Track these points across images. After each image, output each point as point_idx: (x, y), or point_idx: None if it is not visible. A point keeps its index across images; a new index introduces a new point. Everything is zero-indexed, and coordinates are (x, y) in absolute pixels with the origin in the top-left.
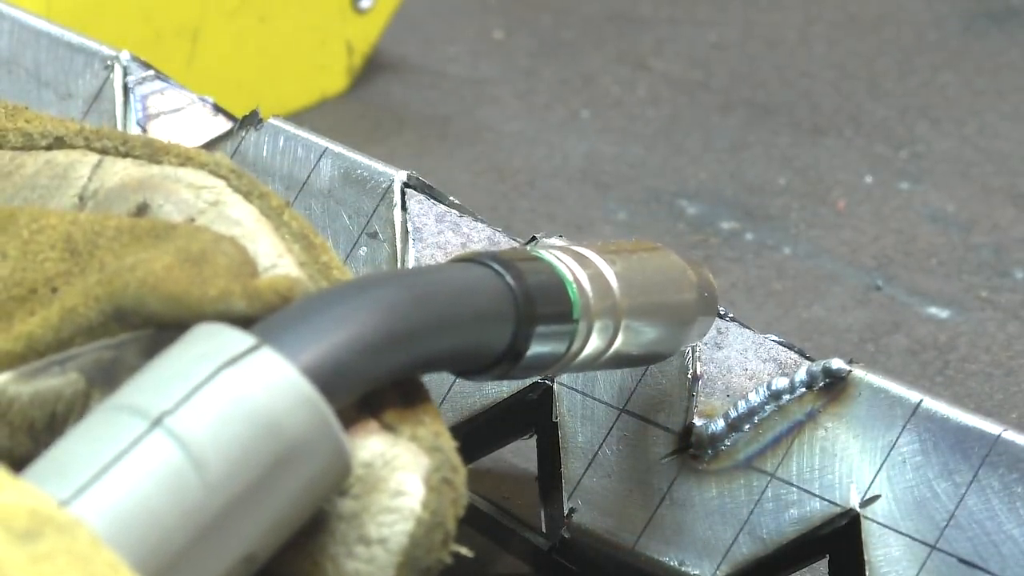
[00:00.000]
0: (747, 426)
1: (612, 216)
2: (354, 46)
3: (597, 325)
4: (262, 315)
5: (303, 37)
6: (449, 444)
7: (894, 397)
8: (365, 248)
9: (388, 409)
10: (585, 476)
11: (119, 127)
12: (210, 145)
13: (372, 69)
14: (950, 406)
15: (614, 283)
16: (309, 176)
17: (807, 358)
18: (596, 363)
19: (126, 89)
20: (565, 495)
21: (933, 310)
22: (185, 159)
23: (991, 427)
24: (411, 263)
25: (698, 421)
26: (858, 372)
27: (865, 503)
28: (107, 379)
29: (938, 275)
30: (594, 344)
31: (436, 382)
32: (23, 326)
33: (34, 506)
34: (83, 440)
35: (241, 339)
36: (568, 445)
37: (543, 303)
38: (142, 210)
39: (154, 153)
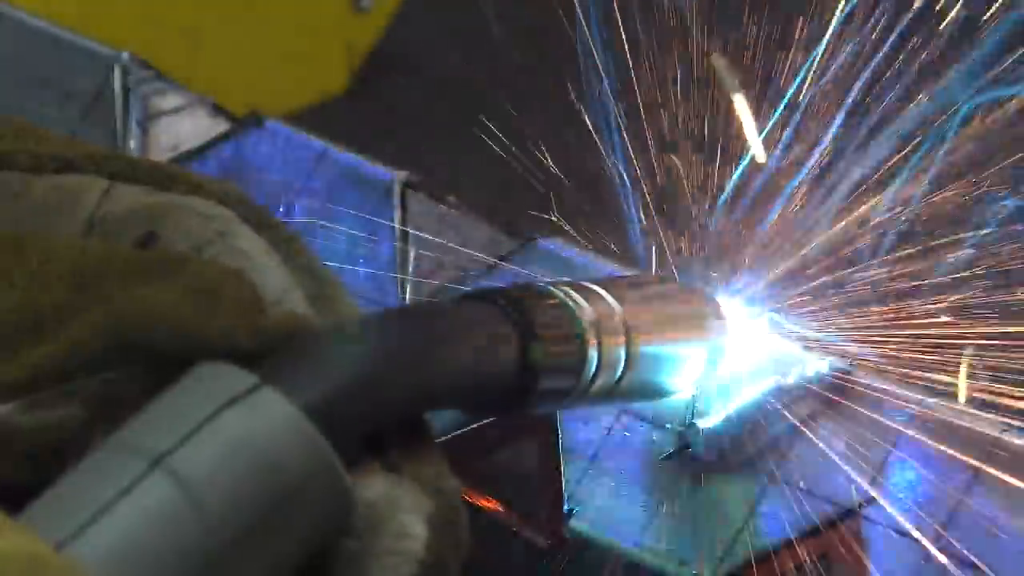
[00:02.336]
0: (747, 426)
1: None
2: (354, 46)
3: (607, 359)
4: (268, 352)
5: (303, 37)
6: (452, 485)
7: (894, 397)
8: (365, 248)
9: (391, 448)
10: (585, 476)
11: (119, 127)
12: (210, 145)
13: (372, 69)
14: (950, 406)
15: (623, 318)
16: (309, 176)
17: (808, 357)
18: (610, 397)
19: (126, 89)
20: (565, 495)
21: None
22: (195, 187)
23: (991, 427)
24: (411, 263)
25: (698, 421)
26: (859, 373)
27: (865, 503)
28: (111, 411)
29: None
30: (605, 378)
31: None
32: (29, 356)
33: (32, 551)
34: (83, 479)
35: (243, 378)
36: (568, 445)
37: (550, 340)
38: (150, 238)
39: (164, 180)
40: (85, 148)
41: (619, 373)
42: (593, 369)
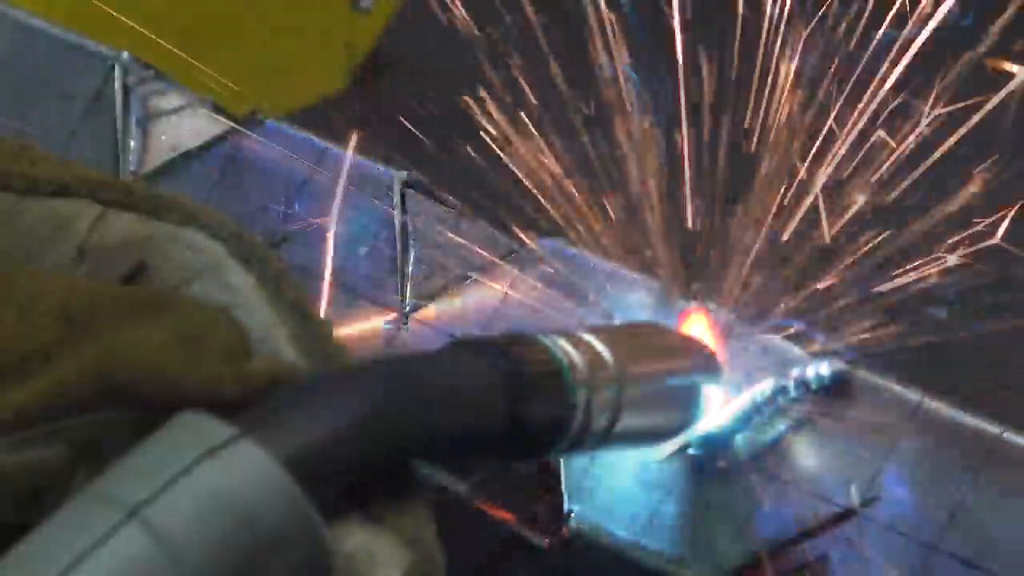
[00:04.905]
0: (748, 426)
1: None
2: (354, 46)
3: (598, 409)
4: (251, 400)
5: (303, 37)
6: (431, 536)
7: (894, 397)
8: (365, 248)
9: (373, 498)
10: (585, 476)
11: (119, 127)
12: (210, 145)
13: (372, 69)
14: (950, 406)
15: (615, 367)
16: (309, 176)
17: (809, 358)
18: (606, 444)
19: (126, 89)
20: (565, 495)
21: None
22: (187, 217)
23: (991, 427)
24: (411, 263)
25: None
26: (859, 372)
27: (865, 503)
28: (94, 454)
29: None
30: (597, 427)
31: None
32: (14, 395)
33: None
34: (58, 528)
35: (221, 430)
36: None
37: (538, 389)
38: (140, 269)
39: (157, 209)
40: (80, 171)
41: (612, 422)
42: (584, 419)
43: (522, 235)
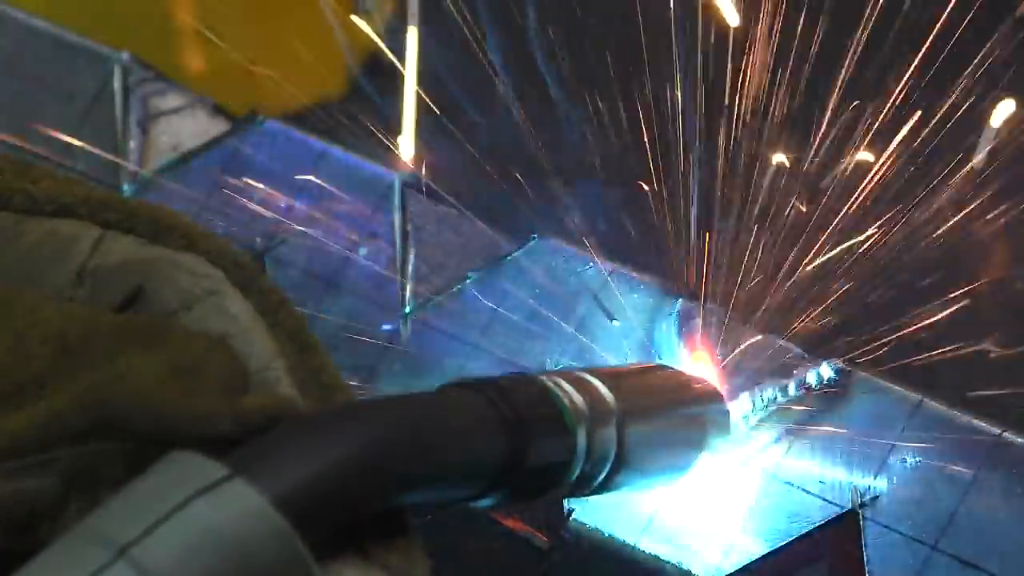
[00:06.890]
0: (748, 426)
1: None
2: (354, 46)
3: (598, 451)
4: (247, 435)
5: (303, 37)
6: (423, 573)
7: (894, 397)
8: (365, 248)
9: (365, 536)
10: None
11: (119, 127)
12: (210, 145)
13: (372, 69)
14: (950, 406)
15: (617, 408)
16: (309, 177)
17: (809, 358)
18: (613, 483)
19: (126, 89)
20: None
21: None
22: (188, 242)
23: (991, 427)
24: (411, 263)
25: None
26: (859, 373)
27: (865, 503)
28: (87, 485)
29: None
30: (598, 470)
31: None
32: (8, 423)
33: None
34: (47, 566)
35: (213, 469)
36: None
37: (537, 429)
38: (138, 294)
39: (158, 232)
40: (81, 190)
41: (617, 462)
42: (586, 459)
43: (522, 235)
